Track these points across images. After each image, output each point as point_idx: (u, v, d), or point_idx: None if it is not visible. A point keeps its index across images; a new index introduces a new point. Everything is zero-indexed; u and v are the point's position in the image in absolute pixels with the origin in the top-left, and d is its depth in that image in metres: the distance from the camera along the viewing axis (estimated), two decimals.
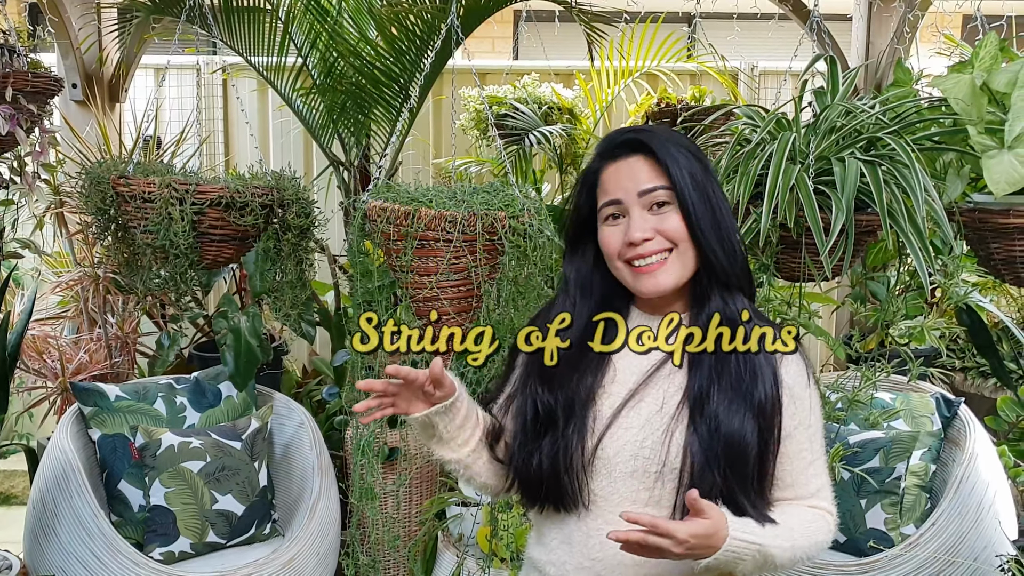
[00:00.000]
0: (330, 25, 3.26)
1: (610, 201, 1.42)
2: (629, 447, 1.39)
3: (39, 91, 2.50)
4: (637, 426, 1.39)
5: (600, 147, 1.48)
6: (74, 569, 2.48)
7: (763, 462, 1.38)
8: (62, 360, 3.46)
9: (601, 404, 1.43)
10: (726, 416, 1.35)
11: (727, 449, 1.35)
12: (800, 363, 1.44)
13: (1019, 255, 2.08)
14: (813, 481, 1.44)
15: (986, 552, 2.54)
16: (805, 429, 1.42)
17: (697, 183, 1.40)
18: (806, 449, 1.43)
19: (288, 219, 2.60)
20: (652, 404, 1.40)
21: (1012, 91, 1.96)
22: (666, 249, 1.39)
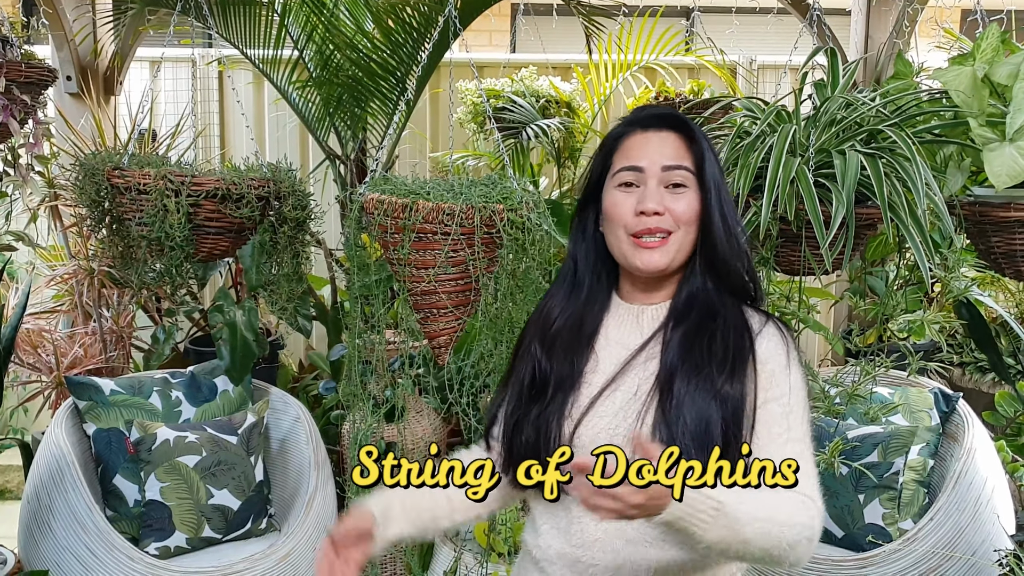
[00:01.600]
0: (326, 17, 3.24)
1: (631, 167, 1.42)
2: (604, 434, 1.39)
3: (33, 82, 2.48)
4: (611, 413, 1.40)
5: (632, 116, 1.49)
6: (69, 564, 2.47)
7: (738, 444, 1.34)
8: (57, 354, 3.44)
9: (580, 392, 1.44)
10: (691, 398, 1.34)
11: (695, 431, 1.33)
12: (779, 341, 1.41)
13: (1020, 249, 2.07)
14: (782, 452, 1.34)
15: (984, 547, 2.53)
16: (780, 405, 1.37)
17: (715, 177, 1.42)
18: (778, 424, 1.36)
19: (284, 212, 2.58)
20: (627, 391, 1.40)
21: (1013, 83, 1.95)
22: (667, 231, 1.40)
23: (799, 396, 1.39)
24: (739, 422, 1.35)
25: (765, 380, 1.38)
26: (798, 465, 1.29)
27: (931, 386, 2.98)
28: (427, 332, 2.09)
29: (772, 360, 1.39)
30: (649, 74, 4.38)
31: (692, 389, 1.35)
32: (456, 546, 2.70)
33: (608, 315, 1.50)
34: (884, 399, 2.86)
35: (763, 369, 1.38)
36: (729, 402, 1.35)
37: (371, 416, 2.35)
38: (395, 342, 3.17)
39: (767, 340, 1.40)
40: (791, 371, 1.39)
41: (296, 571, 2.64)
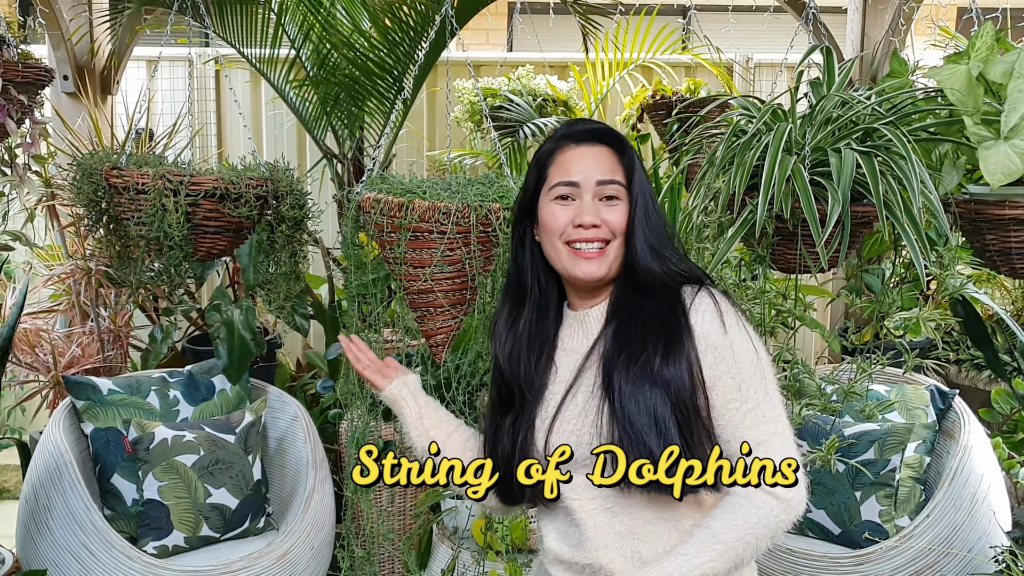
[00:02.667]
0: (323, 16, 3.24)
1: (567, 181, 1.47)
2: (572, 436, 1.43)
3: (30, 82, 2.48)
4: (574, 416, 1.44)
5: (564, 130, 1.53)
6: (67, 563, 2.47)
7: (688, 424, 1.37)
8: (54, 354, 3.44)
9: (547, 402, 1.49)
10: (632, 388, 1.38)
11: (646, 420, 1.36)
12: (711, 310, 1.41)
13: (1015, 246, 2.08)
14: (751, 434, 1.38)
15: (980, 543, 2.54)
16: (731, 377, 1.38)
17: (644, 187, 1.48)
18: (735, 399, 1.38)
19: (282, 211, 2.59)
20: (585, 392, 1.44)
21: (1008, 82, 1.96)
22: (605, 240, 1.46)
23: (747, 360, 1.39)
24: (690, 401, 1.37)
25: (709, 356, 1.39)
26: (798, 464, 1.35)
27: (927, 383, 2.98)
28: (424, 331, 2.09)
29: (710, 333, 1.39)
30: (646, 72, 4.39)
31: (632, 379, 1.38)
32: (454, 544, 2.71)
33: (562, 326, 1.55)
34: (880, 396, 2.87)
35: (703, 344, 1.39)
36: (672, 383, 1.37)
37: (368, 415, 2.35)
38: (392, 340, 3.18)
39: (700, 313, 1.41)
40: (731, 338, 1.39)
41: (294, 569, 2.64)
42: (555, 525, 1.49)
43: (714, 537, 1.34)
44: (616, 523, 1.42)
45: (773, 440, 1.38)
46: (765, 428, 1.38)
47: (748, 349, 1.40)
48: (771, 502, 1.35)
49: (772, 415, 1.39)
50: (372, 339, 2.27)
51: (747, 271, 2.39)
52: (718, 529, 1.35)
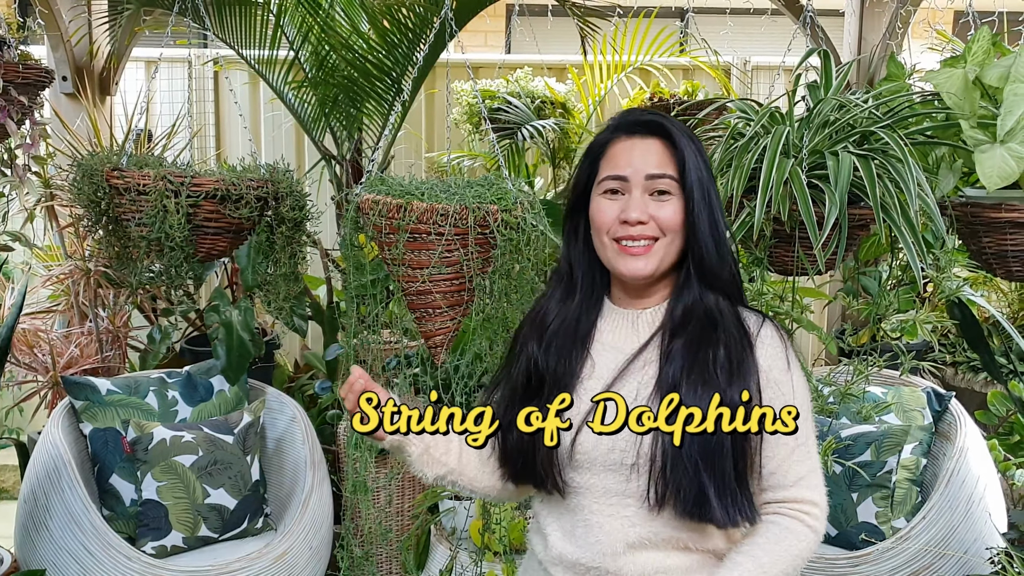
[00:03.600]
0: (322, 18, 3.25)
1: (615, 175, 1.43)
2: (606, 440, 1.39)
3: (30, 83, 2.48)
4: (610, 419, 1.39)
5: (617, 120, 1.48)
6: (65, 563, 2.47)
7: (743, 454, 1.36)
8: (53, 354, 3.44)
9: (580, 397, 1.44)
10: (697, 408, 1.34)
11: (701, 445, 1.33)
12: (777, 345, 1.41)
13: (1011, 249, 2.09)
14: (795, 468, 1.39)
15: (976, 545, 2.55)
16: (787, 412, 1.37)
17: (702, 181, 1.42)
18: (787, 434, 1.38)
19: (282, 212, 2.59)
20: (626, 397, 1.39)
21: (1004, 85, 1.97)
22: (653, 237, 1.41)
23: (801, 397, 1.40)
24: (746, 435, 1.36)
25: (770, 390, 1.38)
26: (798, 412, 1.37)
27: (924, 385, 2.99)
28: (423, 332, 2.10)
29: (774, 366, 1.39)
30: (644, 75, 4.40)
31: (697, 402, 1.34)
32: (452, 545, 2.71)
33: (601, 319, 1.50)
34: (877, 398, 2.88)
35: (766, 376, 1.38)
36: (736, 409, 1.35)
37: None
38: (390, 341, 3.18)
39: (766, 345, 1.40)
40: (792, 373, 1.40)
41: (292, 570, 2.65)
42: (560, 524, 1.47)
43: (760, 568, 1.35)
44: (631, 533, 1.40)
45: (812, 477, 1.40)
46: (808, 464, 1.40)
47: (803, 387, 1.42)
48: (808, 534, 1.38)
49: (814, 454, 1.42)
50: (371, 340, 2.28)
51: (745, 273, 2.40)
52: (765, 560, 1.36)
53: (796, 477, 1.39)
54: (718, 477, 1.34)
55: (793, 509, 1.39)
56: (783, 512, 1.39)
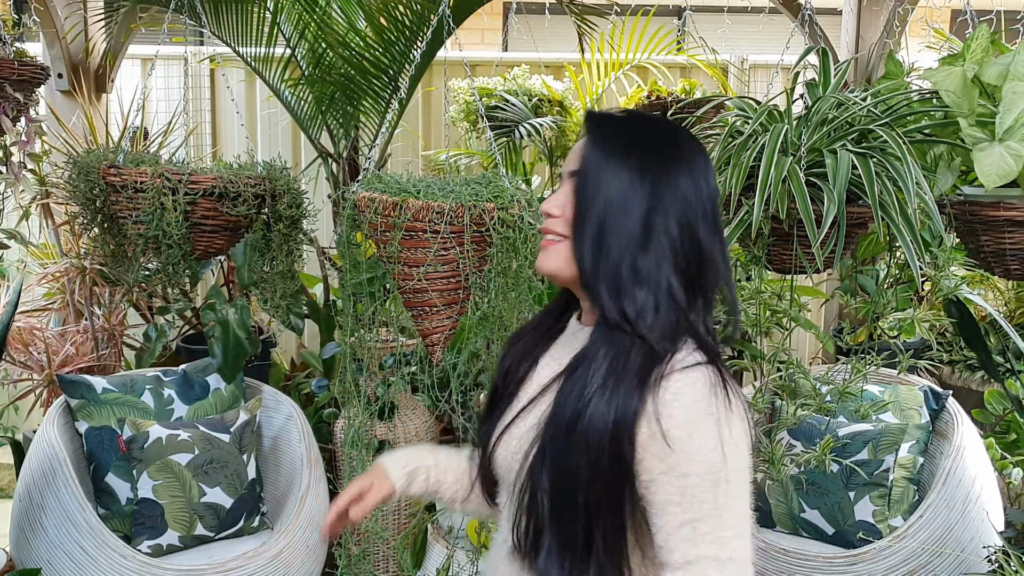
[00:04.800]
0: (319, 15, 3.24)
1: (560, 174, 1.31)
2: (509, 459, 1.27)
3: (25, 80, 2.48)
4: (518, 436, 1.26)
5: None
6: (61, 562, 2.47)
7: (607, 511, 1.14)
8: (48, 352, 3.43)
9: (511, 408, 1.32)
10: (556, 443, 1.17)
11: (552, 469, 1.16)
12: (687, 393, 1.13)
13: (1009, 248, 2.09)
14: (683, 548, 1.11)
15: (973, 544, 2.55)
16: (676, 477, 1.11)
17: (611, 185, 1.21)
18: (675, 503, 1.11)
19: (279, 209, 2.59)
20: (536, 415, 1.24)
21: (1003, 84, 1.97)
22: (561, 234, 1.24)
23: (705, 465, 1.11)
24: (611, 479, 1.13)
25: (651, 440, 1.12)
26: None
27: (921, 384, 2.99)
28: (420, 330, 2.09)
29: (672, 418, 1.11)
30: (641, 73, 4.39)
31: (559, 416, 1.17)
32: (449, 544, 2.71)
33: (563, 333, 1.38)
34: (874, 397, 2.88)
35: (653, 429, 1.12)
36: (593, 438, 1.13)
37: (363, 413, 2.35)
38: (387, 339, 3.18)
39: (662, 391, 1.13)
40: (692, 435, 1.11)
41: (288, 569, 2.64)
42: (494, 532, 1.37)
43: None
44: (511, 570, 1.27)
45: (705, 566, 1.10)
46: (702, 548, 1.10)
47: (711, 451, 1.11)
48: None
49: (718, 537, 1.11)
50: (367, 338, 2.27)
51: (743, 272, 2.40)
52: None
53: (683, 559, 1.11)
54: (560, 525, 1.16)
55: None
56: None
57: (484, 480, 1.37)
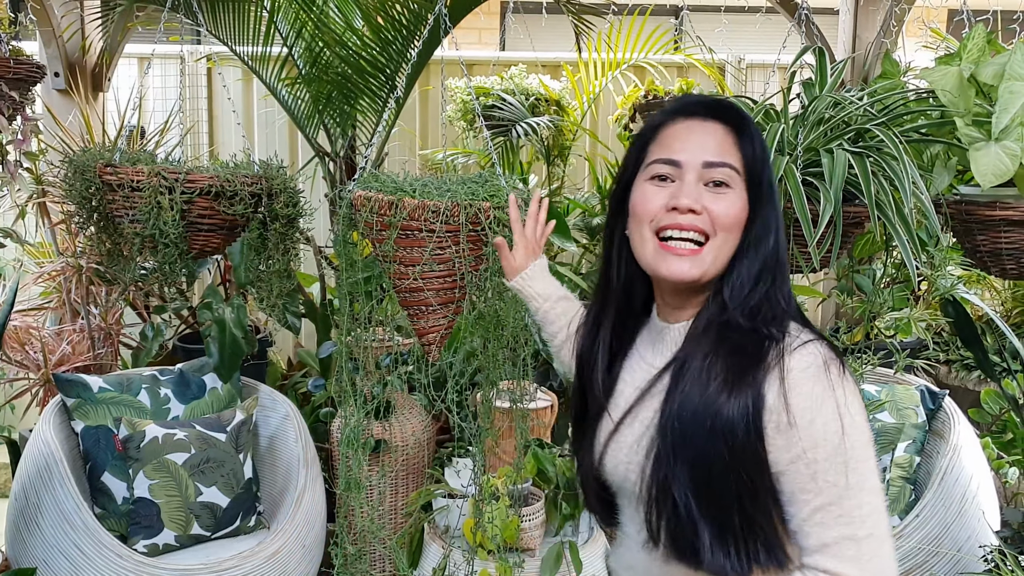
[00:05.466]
0: (315, 14, 3.24)
1: (667, 159, 1.23)
2: (621, 467, 1.27)
3: (21, 78, 2.47)
4: (628, 445, 1.26)
5: (676, 103, 1.28)
6: (57, 562, 2.46)
7: (752, 498, 1.14)
8: (44, 351, 3.43)
9: (607, 419, 1.32)
10: (687, 429, 1.16)
11: (690, 474, 1.16)
12: (801, 381, 1.13)
13: (1005, 247, 2.09)
14: (818, 532, 1.13)
15: (969, 543, 2.55)
16: (805, 465, 1.12)
17: (770, 179, 1.24)
18: (806, 490, 1.13)
19: (276, 208, 2.58)
20: (643, 422, 1.25)
21: (999, 83, 1.97)
22: (703, 233, 1.20)
23: (829, 450, 1.12)
24: (750, 468, 1.14)
25: (775, 433, 1.13)
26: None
27: (917, 383, 3.00)
28: (416, 329, 2.09)
29: (793, 408, 1.12)
30: (638, 72, 4.40)
31: (688, 422, 1.16)
32: (445, 543, 2.71)
33: (643, 330, 1.36)
34: (871, 396, 2.88)
35: (774, 420, 1.13)
36: (732, 437, 1.13)
37: (359, 413, 2.35)
38: (383, 339, 3.18)
39: (782, 379, 1.14)
40: (821, 418, 1.12)
41: (285, 568, 2.64)
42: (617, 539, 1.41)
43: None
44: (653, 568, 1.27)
45: (844, 547, 1.12)
46: (839, 531, 1.12)
47: (833, 431, 1.12)
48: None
49: (852, 516, 1.12)
50: (364, 338, 2.27)
51: None
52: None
53: (819, 542, 1.13)
54: (714, 517, 1.15)
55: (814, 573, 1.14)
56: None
57: (596, 488, 1.35)
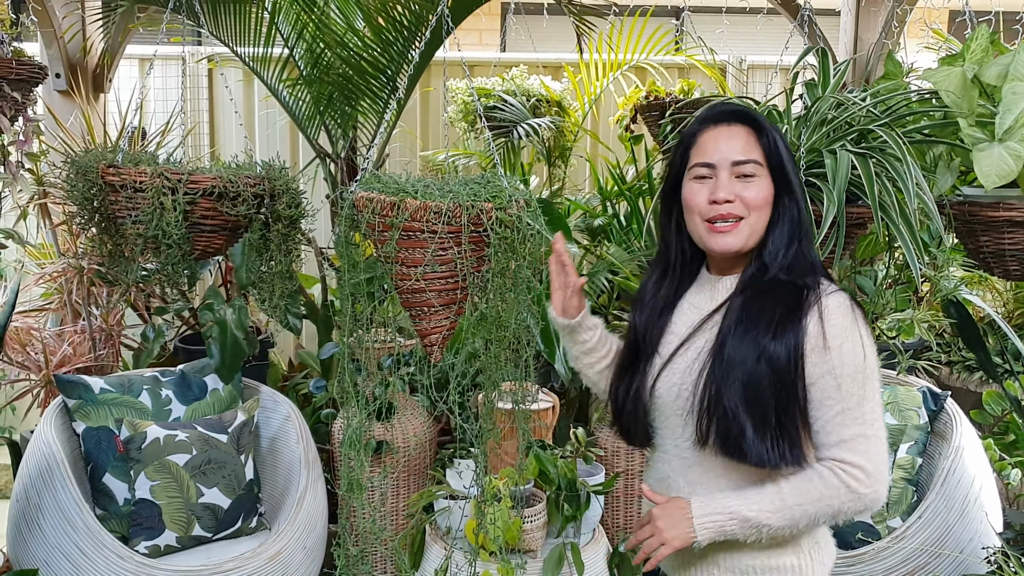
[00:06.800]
0: (317, 15, 3.24)
1: (704, 163, 1.59)
2: (674, 388, 1.61)
3: (23, 79, 2.47)
4: (680, 370, 1.60)
5: (706, 112, 1.65)
6: (58, 563, 2.46)
7: (787, 402, 1.50)
8: (46, 352, 3.42)
9: (661, 350, 1.66)
10: (738, 358, 1.51)
11: (742, 389, 1.50)
12: (833, 316, 1.50)
13: (1008, 248, 2.09)
14: (839, 431, 1.49)
15: (972, 544, 2.55)
16: (832, 379, 1.49)
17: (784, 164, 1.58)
18: (831, 398, 1.49)
19: (278, 209, 2.58)
20: (695, 351, 1.59)
21: (1003, 84, 1.96)
22: (738, 216, 1.56)
23: (851, 367, 1.49)
24: (788, 385, 1.50)
25: (812, 351, 1.50)
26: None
27: (919, 384, 2.99)
28: (418, 330, 2.09)
29: (821, 334, 1.49)
30: (639, 73, 4.39)
31: (741, 350, 1.51)
32: (447, 545, 2.70)
33: (693, 285, 1.70)
34: None
35: (812, 342, 1.50)
36: (777, 363, 1.49)
37: (361, 414, 2.34)
38: (385, 340, 3.17)
39: (820, 316, 1.50)
40: (841, 340, 1.50)
41: (286, 570, 2.63)
42: (649, 459, 1.75)
43: (779, 494, 1.50)
44: (689, 473, 1.62)
45: (858, 442, 1.49)
46: (855, 429, 1.49)
47: (857, 354, 1.50)
48: (840, 488, 1.49)
49: (864, 419, 1.50)
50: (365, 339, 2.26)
51: None
52: (785, 489, 1.50)
53: (838, 439, 1.49)
54: (757, 419, 1.49)
55: (834, 464, 1.49)
56: (824, 465, 1.51)
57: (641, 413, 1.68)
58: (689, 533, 1.54)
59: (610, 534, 3.18)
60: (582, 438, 3.03)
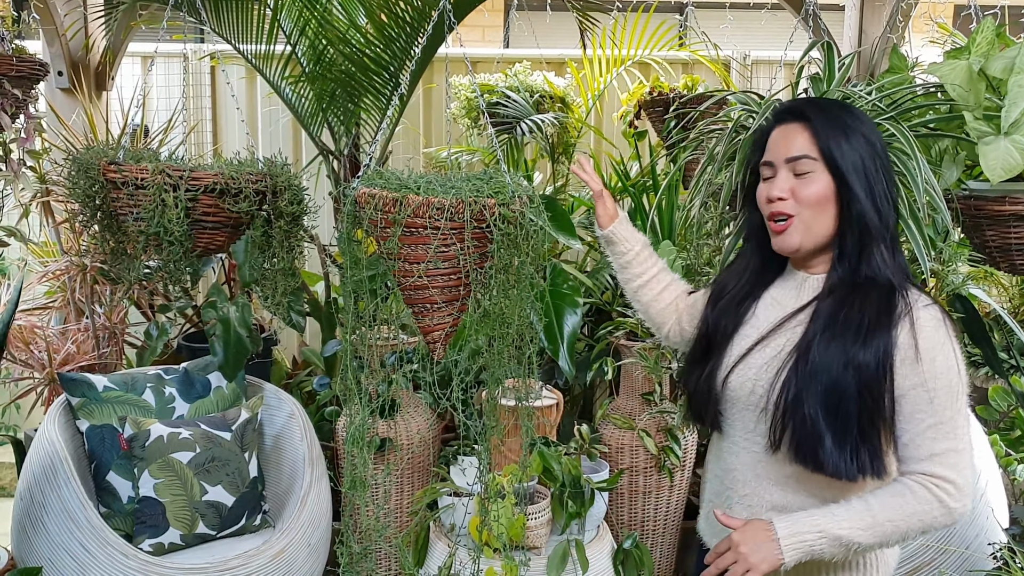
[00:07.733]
0: (319, 12, 3.23)
1: (766, 162, 1.62)
2: (748, 383, 1.60)
3: (24, 76, 2.47)
4: (758, 366, 1.60)
5: (773, 111, 1.67)
6: (63, 561, 2.46)
7: (872, 412, 1.47)
8: (49, 351, 3.42)
9: (738, 342, 1.66)
10: (823, 364, 1.49)
11: (824, 396, 1.48)
12: (925, 329, 1.48)
13: (1015, 242, 2.07)
14: (929, 444, 1.47)
15: (978, 541, 2.54)
16: (924, 392, 1.47)
17: (852, 158, 1.54)
18: (923, 411, 1.48)
19: (280, 206, 2.57)
20: (774, 348, 1.59)
21: (1009, 77, 1.95)
22: (787, 214, 1.56)
23: (944, 382, 1.48)
24: (876, 395, 1.48)
25: (902, 363, 1.48)
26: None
27: None
28: (421, 327, 2.08)
29: (913, 346, 1.48)
30: (643, 69, 4.38)
31: (827, 356, 1.49)
32: (451, 542, 2.70)
33: (779, 279, 1.69)
34: None
35: (903, 353, 1.48)
36: (865, 371, 1.47)
37: (364, 411, 2.33)
38: (388, 337, 3.17)
39: (912, 327, 1.49)
40: (935, 354, 1.48)
41: (290, 568, 2.63)
42: (714, 448, 1.75)
43: (868, 511, 1.47)
44: (757, 467, 1.61)
45: (949, 456, 1.48)
46: (946, 443, 1.48)
47: (950, 368, 1.49)
48: (933, 502, 1.47)
49: (956, 434, 1.48)
50: (368, 336, 2.26)
51: None
52: (875, 505, 1.48)
53: (929, 453, 1.48)
54: (839, 428, 1.48)
55: (924, 479, 1.48)
56: (913, 479, 1.49)
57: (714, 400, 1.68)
58: (776, 555, 1.48)
59: (614, 531, 3.17)
60: (586, 435, 3.03)
